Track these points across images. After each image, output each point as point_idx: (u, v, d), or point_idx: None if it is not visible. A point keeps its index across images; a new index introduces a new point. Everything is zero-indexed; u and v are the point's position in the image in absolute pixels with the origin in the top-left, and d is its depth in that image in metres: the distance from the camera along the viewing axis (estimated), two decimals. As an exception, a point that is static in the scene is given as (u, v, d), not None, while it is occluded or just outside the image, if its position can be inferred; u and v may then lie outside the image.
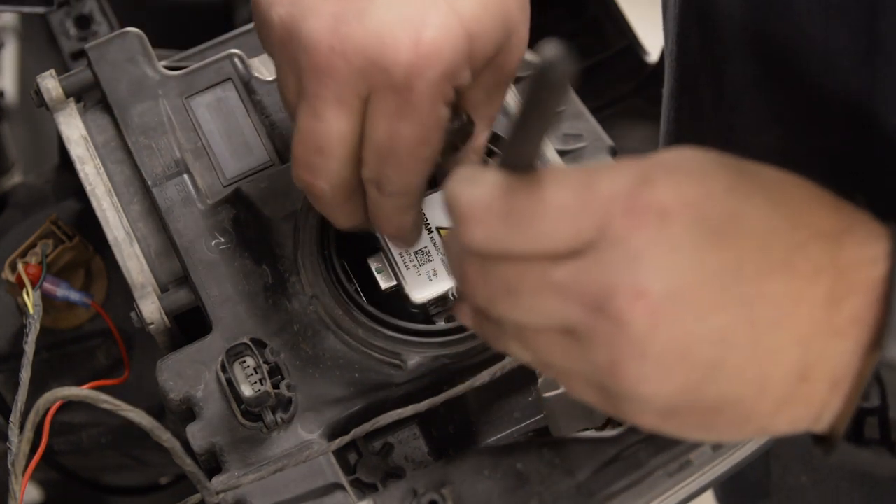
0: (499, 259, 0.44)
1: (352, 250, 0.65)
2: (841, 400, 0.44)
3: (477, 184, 0.44)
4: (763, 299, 0.44)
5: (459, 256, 0.46)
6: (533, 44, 0.83)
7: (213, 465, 0.62)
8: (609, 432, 0.59)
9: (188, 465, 0.58)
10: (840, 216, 0.45)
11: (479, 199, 0.44)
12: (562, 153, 0.71)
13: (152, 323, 0.65)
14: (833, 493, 0.85)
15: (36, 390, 0.75)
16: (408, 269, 0.64)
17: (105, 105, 0.71)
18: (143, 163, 0.68)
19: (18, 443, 0.58)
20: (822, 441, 0.47)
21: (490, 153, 0.64)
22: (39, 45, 1.08)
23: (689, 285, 0.43)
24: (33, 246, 0.74)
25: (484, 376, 0.61)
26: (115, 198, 0.68)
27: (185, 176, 0.68)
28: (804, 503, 0.89)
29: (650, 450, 0.58)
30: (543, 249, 0.44)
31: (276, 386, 0.60)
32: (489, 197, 0.44)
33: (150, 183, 0.68)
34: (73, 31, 0.87)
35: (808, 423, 0.45)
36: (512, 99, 0.71)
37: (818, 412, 0.45)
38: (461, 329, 0.63)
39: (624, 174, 0.44)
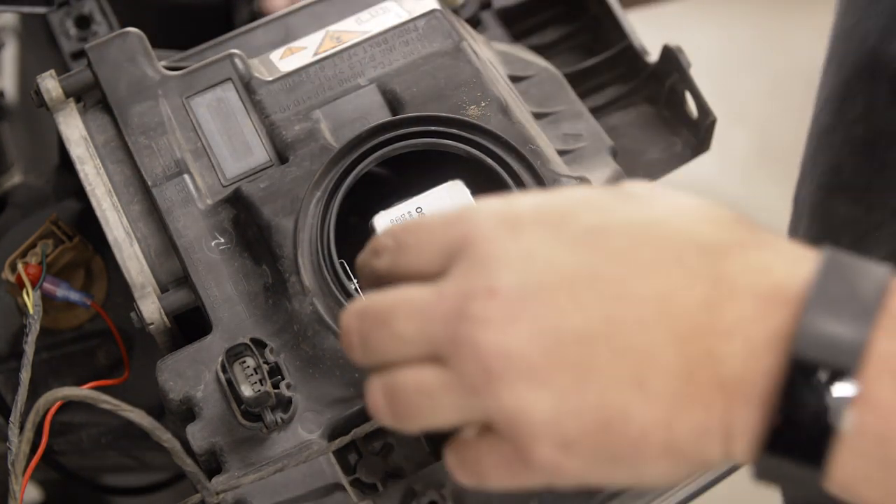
0: (381, 293, 0.47)
1: (352, 250, 0.65)
2: (748, 408, 0.42)
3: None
4: (625, 299, 0.44)
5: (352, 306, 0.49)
6: (533, 44, 0.84)
7: (213, 465, 0.62)
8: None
9: (188, 465, 0.58)
10: (739, 234, 0.45)
11: (378, 239, 0.50)
12: (562, 153, 0.71)
13: (152, 323, 0.65)
14: None
15: (36, 390, 0.76)
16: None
17: (105, 105, 0.71)
18: (143, 163, 0.68)
19: (18, 443, 0.58)
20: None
21: None
22: (39, 45, 1.08)
23: (545, 284, 0.44)
24: (33, 246, 0.74)
25: (484, 376, 0.61)
26: (115, 198, 0.68)
27: (185, 176, 0.68)
28: None
29: (650, 450, 0.58)
30: (416, 270, 0.47)
31: (276, 386, 0.60)
32: (385, 234, 0.49)
33: (150, 183, 0.68)
34: (73, 31, 0.87)
35: (720, 435, 0.43)
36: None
37: (723, 420, 0.43)
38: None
39: (495, 199, 0.47)
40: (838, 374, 0.41)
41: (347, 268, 0.64)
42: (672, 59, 0.78)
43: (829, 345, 0.41)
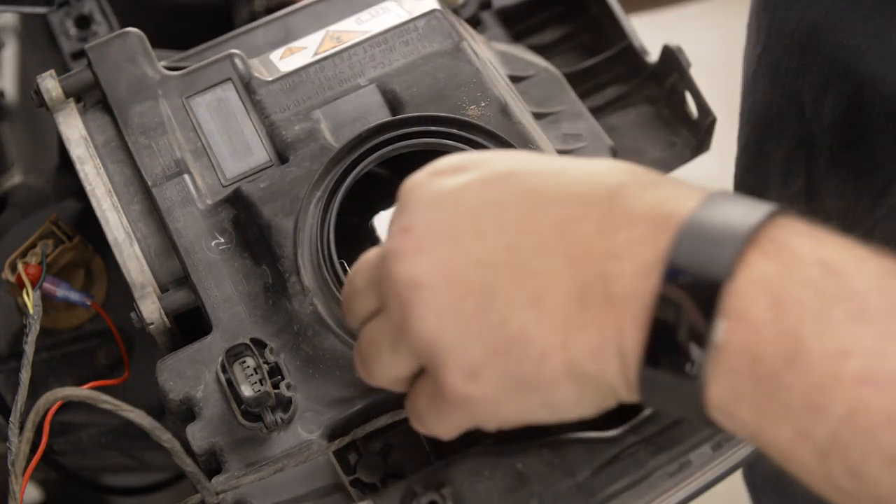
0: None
1: (352, 250, 0.65)
2: (635, 325, 0.44)
3: None
4: (524, 228, 0.47)
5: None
6: (533, 44, 0.84)
7: (213, 465, 0.62)
8: (609, 432, 0.59)
9: (188, 465, 0.58)
10: (640, 178, 0.47)
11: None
12: (562, 153, 0.71)
13: (152, 323, 0.65)
14: None
15: (36, 390, 0.76)
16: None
17: (105, 105, 0.71)
18: (143, 163, 0.68)
19: (18, 443, 0.58)
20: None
21: None
22: (39, 45, 1.08)
23: (453, 218, 0.48)
24: (33, 246, 0.74)
25: (484, 376, 0.61)
26: (115, 198, 0.68)
27: (185, 176, 0.68)
28: None
29: (650, 450, 0.58)
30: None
31: (276, 386, 0.60)
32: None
33: (149, 183, 0.68)
34: (73, 31, 0.87)
35: (614, 354, 0.45)
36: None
37: (615, 339, 0.45)
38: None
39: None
40: (710, 289, 0.42)
41: (347, 268, 0.64)
42: (672, 59, 0.78)
43: (703, 258, 0.43)
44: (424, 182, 0.51)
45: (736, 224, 0.43)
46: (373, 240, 0.67)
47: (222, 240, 0.67)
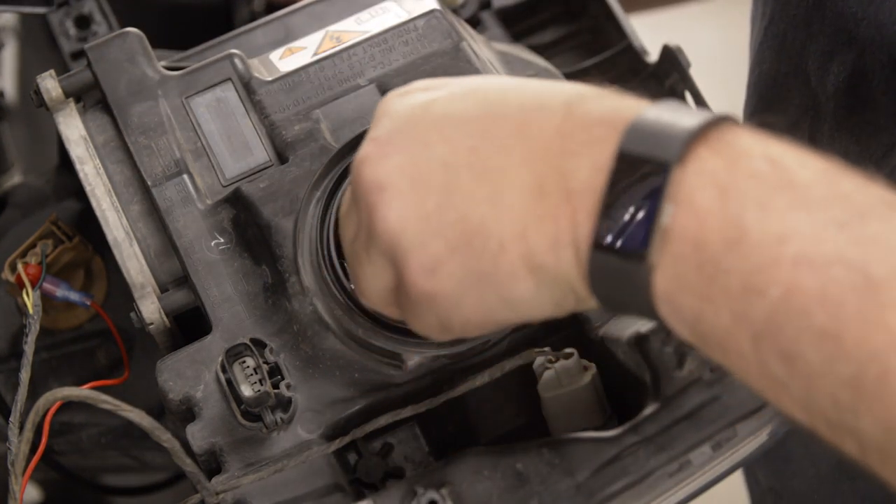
0: None
1: (352, 250, 0.65)
2: (588, 217, 0.46)
3: None
4: (486, 132, 0.49)
5: None
6: (533, 44, 0.83)
7: (213, 465, 0.62)
8: (609, 432, 0.59)
9: (188, 465, 0.58)
10: (601, 91, 0.49)
11: None
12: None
13: (152, 323, 0.65)
14: None
15: (36, 390, 0.76)
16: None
17: (105, 105, 0.71)
18: (143, 163, 0.68)
19: (18, 443, 0.58)
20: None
21: None
22: (39, 45, 1.08)
23: (419, 125, 0.51)
24: (33, 246, 0.74)
25: (484, 376, 0.61)
26: (114, 198, 0.68)
27: (185, 176, 0.68)
28: None
29: (650, 450, 0.58)
30: None
31: (275, 386, 0.60)
32: None
33: (149, 183, 0.68)
34: (72, 31, 0.87)
35: (570, 245, 0.46)
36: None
37: (570, 231, 0.46)
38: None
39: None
40: (659, 173, 0.44)
41: (347, 268, 0.64)
42: (672, 59, 0.78)
43: (653, 146, 0.44)
44: (395, 99, 0.53)
45: (685, 122, 0.45)
46: None
47: (222, 240, 0.67)
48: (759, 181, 0.43)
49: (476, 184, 0.48)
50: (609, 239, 0.45)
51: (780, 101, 0.85)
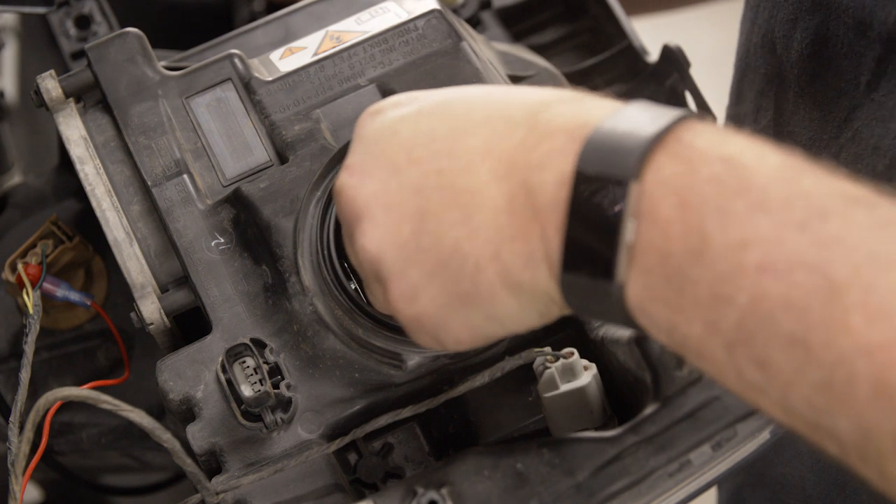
0: None
1: (352, 250, 0.65)
2: (556, 233, 0.46)
3: None
4: (453, 152, 0.49)
5: None
6: (533, 44, 0.83)
7: (213, 465, 0.62)
8: (609, 432, 0.59)
9: (188, 465, 0.58)
10: (564, 95, 0.49)
11: None
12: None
13: (152, 323, 0.65)
14: None
15: (36, 390, 0.76)
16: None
17: (105, 105, 0.71)
18: (143, 163, 0.68)
19: (18, 443, 0.58)
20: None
21: None
22: (39, 45, 1.08)
23: (387, 151, 0.51)
24: (33, 246, 0.74)
25: (484, 376, 0.61)
26: (114, 198, 0.68)
27: (185, 176, 0.68)
28: None
29: (650, 450, 0.58)
30: None
31: (276, 386, 0.60)
32: None
33: (149, 183, 0.68)
34: (73, 31, 0.87)
35: (543, 262, 0.46)
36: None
37: (541, 248, 0.46)
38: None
39: None
40: (618, 190, 0.44)
41: (347, 268, 0.64)
42: (672, 58, 0.78)
43: (609, 163, 0.44)
44: (367, 120, 0.54)
45: (641, 129, 0.44)
46: None
47: (222, 240, 0.67)
48: (718, 185, 0.43)
49: (447, 207, 0.49)
50: (576, 258, 0.45)
51: (750, 71, 0.85)
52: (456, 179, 0.49)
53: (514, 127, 0.48)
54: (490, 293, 0.48)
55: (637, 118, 0.45)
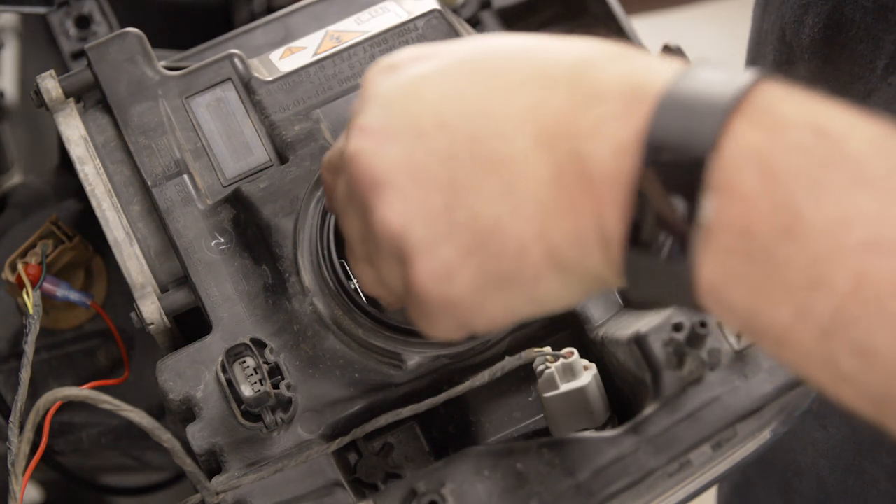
0: None
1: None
2: (615, 209, 0.41)
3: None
4: (488, 115, 0.44)
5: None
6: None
7: (213, 465, 0.62)
8: (609, 432, 0.59)
9: (188, 465, 0.58)
10: (609, 51, 0.44)
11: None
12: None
13: (152, 323, 0.65)
14: None
15: (36, 390, 0.76)
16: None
17: (105, 105, 0.71)
18: (143, 163, 0.68)
19: (18, 443, 0.58)
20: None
21: None
22: (39, 45, 1.08)
23: (410, 113, 0.46)
24: (33, 246, 0.74)
25: (484, 376, 0.61)
26: (114, 198, 0.68)
27: (185, 176, 0.68)
28: None
29: (650, 450, 0.58)
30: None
31: (276, 386, 0.60)
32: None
33: (149, 183, 0.68)
34: (72, 31, 0.87)
35: (596, 240, 0.42)
36: None
37: (595, 225, 0.42)
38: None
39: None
40: (694, 163, 0.39)
41: (347, 268, 0.64)
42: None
43: (684, 132, 0.40)
44: (379, 76, 0.48)
45: (717, 93, 0.40)
46: None
47: (222, 240, 0.67)
48: (807, 156, 0.39)
49: (484, 178, 0.44)
50: (643, 238, 0.41)
51: (761, 59, 0.84)
52: (492, 147, 0.44)
53: (556, 86, 0.43)
54: (535, 274, 0.44)
55: (707, 81, 0.41)
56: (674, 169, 0.40)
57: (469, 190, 0.44)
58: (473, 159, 0.44)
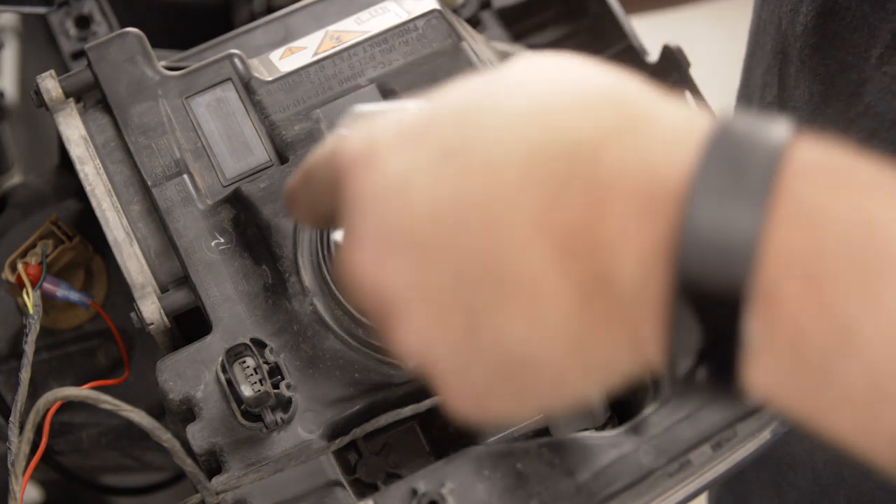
0: None
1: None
2: (653, 326, 0.38)
3: None
4: (490, 225, 0.40)
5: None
6: (533, 44, 0.83)
7: (213, 465, 0.62)
8: (609, 432, 0.59)
9: (188, 465, 0.58)
10: (617, 119, 0.40)
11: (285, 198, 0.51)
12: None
13: (152, 323, 0.65)
14: None
15: (36, 390, 0.76)
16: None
17: (105, 105, 0.71)
18: (143, 163, 0.68)
19: (18, 443, 0.58)
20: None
21: None
22: (39, 45, 1.08)
23: (403, 223, 0.41)
24: (33, 246, 0.74)
25: (484, 376, 0.61)
26: (114, 198, 0.68)
27: (185, 176, 0.68)
28: None
29: (650, 450, 0.58)
30: (324, 218, 0.48)
31: (275, 386, 0.60)
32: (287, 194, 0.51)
33: (149, 183, 0.68)
34: (72, 31, 0.87)
35: (633, 353, 0.40)
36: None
37: (633, 341, 0.39)
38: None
39: (362, 121, 0.45)
40: (734, 286, 0.36)
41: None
42: (672, 58, 0.78)
43: (716, 253, 0.36)
44: (360, 174, 0.42)
45: (749, 190, 0.36)
46: None
47: (222, 240, 0.67)
48: (853, 259, 0.36)
49: (501, 301, 0.40)
50: (685, 368, 0.38)
51: (759, 48, 0.85)
52: (506, 264, 0.39)
53: (566, 188, 0.39)
54: (573, 390, 0.42)
55: (733, 167, 0.37)
56: (711, 292, 0.37)
57: (488, 314, 0.40)
58: (484, 278, 0.40)
